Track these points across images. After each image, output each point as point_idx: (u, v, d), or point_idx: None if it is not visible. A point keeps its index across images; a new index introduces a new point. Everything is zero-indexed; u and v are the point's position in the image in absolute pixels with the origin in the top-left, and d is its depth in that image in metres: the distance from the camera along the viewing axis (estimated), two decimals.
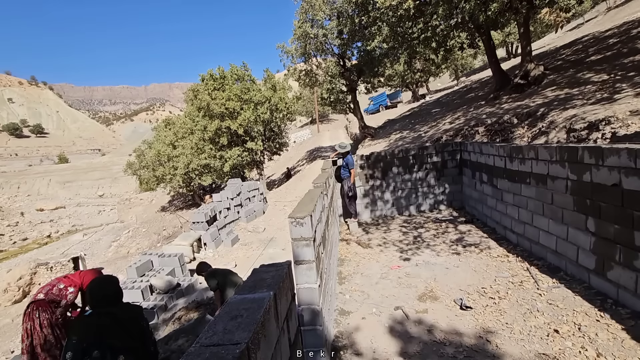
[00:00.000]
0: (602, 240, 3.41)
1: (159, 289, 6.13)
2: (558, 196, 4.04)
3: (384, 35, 11.91)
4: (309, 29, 14.23)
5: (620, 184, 3.13)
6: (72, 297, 3.18)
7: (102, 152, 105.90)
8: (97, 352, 2.02)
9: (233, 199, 10.91)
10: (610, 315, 3.08)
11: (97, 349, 2.03)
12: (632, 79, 6.72)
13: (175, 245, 8.66)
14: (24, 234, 33.92)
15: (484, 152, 6.03)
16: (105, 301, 2.20)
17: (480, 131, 8.37)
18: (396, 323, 3.54)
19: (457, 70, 33.72)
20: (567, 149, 3.83)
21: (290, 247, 2.67)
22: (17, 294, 9.92)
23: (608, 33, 12.68)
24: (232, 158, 15.69)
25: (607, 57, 9.32)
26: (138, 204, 30.87)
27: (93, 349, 2.02)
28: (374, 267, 5.04)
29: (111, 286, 2.29)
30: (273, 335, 1.55)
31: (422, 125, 13.25)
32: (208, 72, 16.34)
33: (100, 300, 2.19)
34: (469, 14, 9.28)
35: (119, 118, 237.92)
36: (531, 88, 9.66)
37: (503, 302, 3.63)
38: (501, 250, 4.98)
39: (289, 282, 2.04)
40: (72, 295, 3.19)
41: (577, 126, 5.72)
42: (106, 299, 2.21)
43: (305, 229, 2.59)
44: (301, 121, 54.88)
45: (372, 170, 7.37)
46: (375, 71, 16.19)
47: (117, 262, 14.15)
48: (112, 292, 2.26)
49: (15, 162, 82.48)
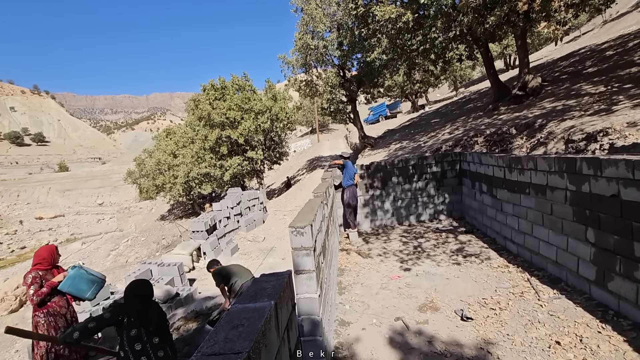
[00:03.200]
0: (602, 251, 3.41)
1: (158, 299, 6.08)
2: (557, 207, 4.05)
3: (383, 47, 12.09)
4: (310, 40, 14.46)
5: (618, 194, 3.15)
6: (30, 279, 3.31)
7: (103, 160, 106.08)
8: (134, 331, 2.35)
9: (233, 208, 10.90)
10: (611, 326, 3.07)
11: (135, 329, 2.36)
12: (628, 91, 6.81)
13: (174, 254, 8.61)
14: (23, 243, 33.73)
15: (483, 163, 6.07)
16: (140, 297, 2.48)
17: (479, 141, 8.42)
18: (396, 334, 3.52)
19: (455, 81, 34.01)
20: (565, 159, 3.86)
21: (290, 257, 2.68)
22: (13, 304, 9.82)
23: (604, 45, 12.87)
24: (232, 167, 15.73)
25: (603, 69, 9.44)
26: (137, 212, 30.81)
27: (132, 329, 2.35)
28: (374, 277, 5.02)
29: (146, 286, 2.57)
30: (274, 345, 1.55)
31: (421, 136, 13.33)
32: (209, 82, 16.52)
33: (136, 295, 2.47)
34: (467, 26, 9.44)
35: (120, 127, 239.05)
36: (529, 99, 9.76)
37: (504, 313, 3.61)
38: (501, 261, 4.97)
39: (290, 292, 2.05)
40: (30, 277, 3.32)
41: (575, 137, 5.76)
42: (141, 296, 2.49)
43: (305, 239, 2.60)
44: (301, 131, 55.15)
45: (372, 179, 7.40)
46: (374, 82, 16.37)
47: (116, 271, 14.03)
48: (147, 292, 2.55)
49: (16, 170, 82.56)
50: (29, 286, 3.29)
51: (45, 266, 3.44)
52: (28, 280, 3.30)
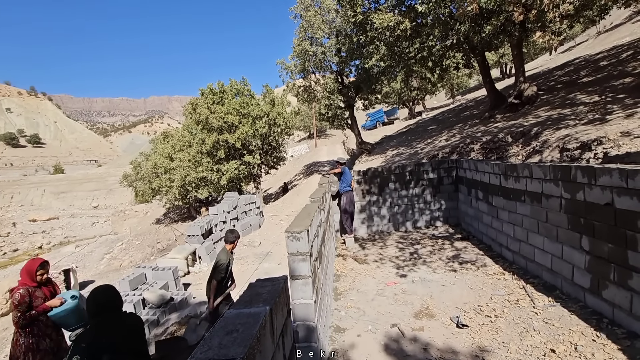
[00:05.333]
0: (597, 259, 3.43)
1: (152, 303, 6.02)
2: (552, 214, 4.07)
3: (381, 54, 12.22)
4: (308, 46, 14.58)
5: (612, 203, 3.17)
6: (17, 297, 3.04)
7: (99, 163, 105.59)
8: (106, 356, 1.96)
9: (229, 212, 10.87)
10: (606, 335, 3.07)
11: (106, 354, 1.97)
12: (622, 101, 6.90)
13: (169, 258, 8.55)
14: (15, 245, 33.31)
15: (479, 170, 6.10)
16: (109, 307, 2.16)
17: (475, 149, 8.48)
18: (392, 341, 3.50)
19: (452, 88, 34.33)
20: (560, 168, 3.90)
21: (286, 262, 2.66)
22: (4, 307, 9.67)
23: (599, 56, 13.07)
24: (230, 171, 15.70)
25: (598, 79, 9.58)
26: (133, 215, 30.60)
27: (102, 354, 1.96)
28: (370, 283, 5.00)
29: (114, 292, 2.25)
30: (268, 351, 1.54)
31: (418, 142, 13.41)
32: (208, 86, 16.55)
33: (104, 305, 2.14)
34: (464, 35, 9.57)
35: (117, 129, 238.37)
36: (525, 108, 9.86)
37: (499, 320, 3.61)
38: (497, 268, 4.97)
39: (285, 297, 2.04)
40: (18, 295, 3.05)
41: (570, 146, 5.82)
42: (110, 305, 2.17)
43: (301, 244, 2.60)
44: (299, 136, 55.24)
45: (369, 185, 7.41)
46: (372, 88, 16.50)
47: (109, 274, 13.87)
48: (115, 299, 2.22)
49: (10, 171, 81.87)
50: (15, 307, 3.02)
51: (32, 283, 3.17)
52: (15, 299, 3.02)
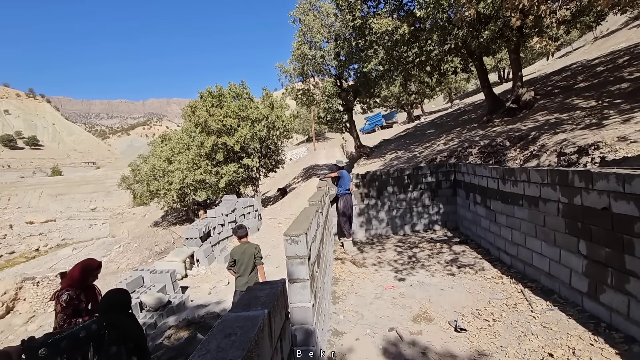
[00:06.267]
0: (594, 264, 3.44)
1: (149, 306, 5.99)
2: (550, 218, 4.09)
3: (380, 58, 12.28)
4: (307, 50, 14.64)
5: (609, 207, 3.19)
6: (65, 299, 2.76)
7: (97, 165, 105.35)
8: (114, 348, 2.19)
9: (227, 215, 10.84)
10: (604, 339, 3.08)
11: (115, 346, 2.20)
12: (618, 106, 6.95)
13: (167, 261, 8.52)
14: (12, 247, 33.12)
15: (477, 174, 6.13)
16: (118, 307, 2.36)
17: (473, 153, 8.51)
18: (390, 344, 3.49)
19: (450, 93, 34.49)
20: (558, 172, 3.92)
21: (285, 265, 2.66)
22: (0, 310, 9.60)
23: (596, 61, 13.17)
24: (228, 174, 15.70)
25: (595, 84, 9.65)
26: (130, 218, 30.48)
27: (112, 346, 2.20)
28: (369, 286, 5.00)
29: (125, 294, 2.46)
30: (266, 355, 1.54)
31: (417, 146, 13.44)
32: (207, 89, 16.58)
33: (113, 305, 2.34)
34: (462, 40, 9.64)
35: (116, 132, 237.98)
36: (522, 112, 9.91)
37: (497, 324, 3.61)
38: (495, 272, 4.98)
39: (283, 301, 2.04)
40: (67, 297, 2.77)
41: (567, 150, 5.86)
42: (119, 305, 2.37)
43: (300, 247, 2.60)
44: (297, 139, 55.31)
45: (368, 189, 7.42)
46: (371, 92, 16.54)
47: (107, 277, 13.80)
48: (126, 300, 2.43)
49: (7, 173, 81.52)
50: (62, 309, 2.73)
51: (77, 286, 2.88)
52: (64, 301, 2.74)
